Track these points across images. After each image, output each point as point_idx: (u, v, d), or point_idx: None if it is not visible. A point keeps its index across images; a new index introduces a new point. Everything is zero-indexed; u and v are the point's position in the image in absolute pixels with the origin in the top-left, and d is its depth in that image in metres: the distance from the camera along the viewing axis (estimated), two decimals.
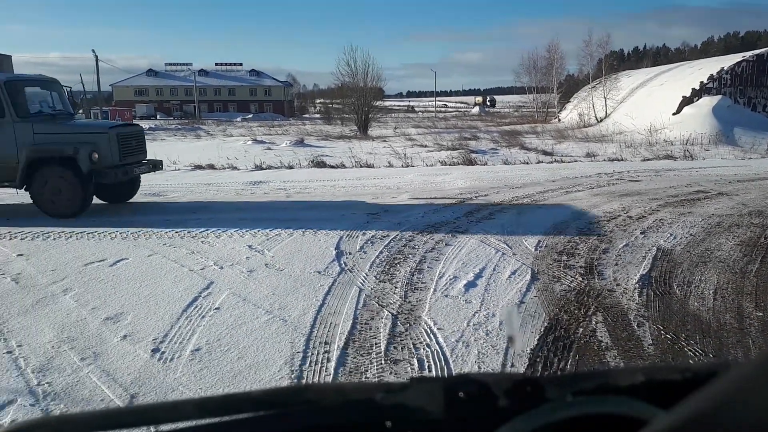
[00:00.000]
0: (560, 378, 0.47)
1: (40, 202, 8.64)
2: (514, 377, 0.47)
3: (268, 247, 6.62)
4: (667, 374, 0.47)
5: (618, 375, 0.47)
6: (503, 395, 0.45)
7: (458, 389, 0.46)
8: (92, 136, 8.76)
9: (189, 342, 4.35)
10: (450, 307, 4.96)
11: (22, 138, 8.51)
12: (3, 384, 3.80)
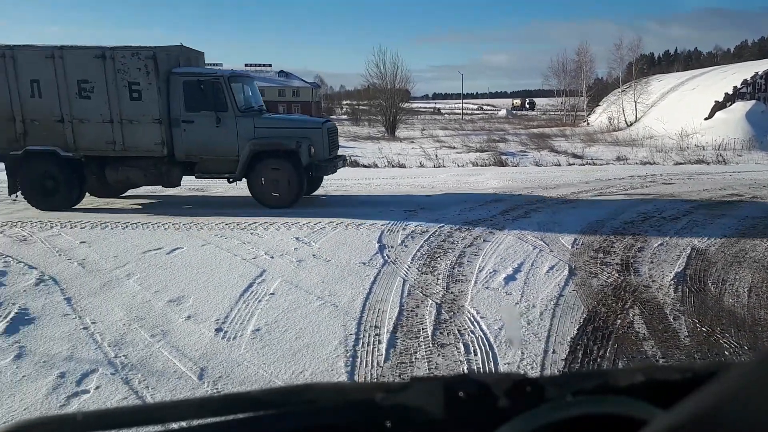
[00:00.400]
0: (560, 378, 0.48)
1: (258, 193, 9.08)
2: (514, 377, 0.47)
3: (314, 240, 6.94)
4: (667, 374, 0.47)
5: (618, 375, 0.47)
6: (503, 395, 0.45)
7: (458, 389, 0.46)
8: (309, 130, 9.19)
9: (249, 323, 4.67)
10: (491, 298, 5.21)
11: (243, 132, 8.90)
12: (84, 355, 4.16)
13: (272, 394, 0.48)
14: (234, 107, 8.93)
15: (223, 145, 8.94)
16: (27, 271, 5.78)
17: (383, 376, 3.88)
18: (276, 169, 8.93)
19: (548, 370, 3.95)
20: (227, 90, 8.92)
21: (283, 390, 0.48)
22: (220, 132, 8.89)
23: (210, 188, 11.26)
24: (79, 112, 8.82)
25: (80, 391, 3.67)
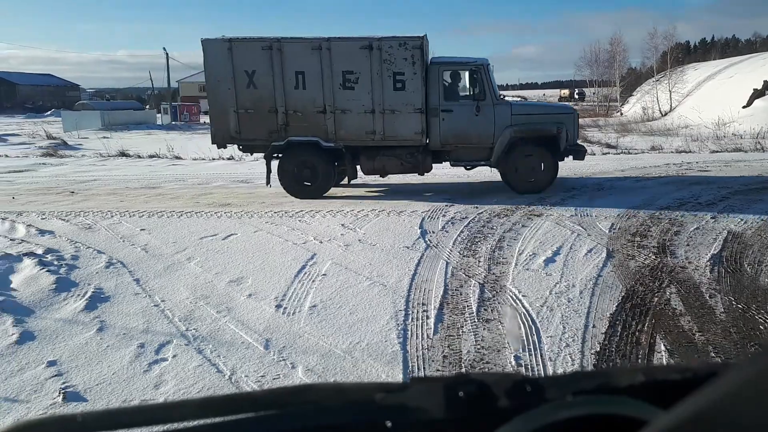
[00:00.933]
0: (560, 378, 0.48)
1: (512, 179, 9.29)
2: (514, 377, 0.47)
3: (358, 226, 7.28)
4: (667, 374, 0.47)
5: (618, 375, 0.47)
6: (503, 395, 0.45)
7: (458, 389, 0.46)
8: (563, 116, 9.37)
9: (306, 300, 5.02)
10: (532, 278, 5.46)
11: (500, 120, 9.05)
12: (158, 329, 4.56)
13: (272, 394, 0.48)
14: (492, 95, 9.08)
15: (480, 133, 9.07)
16: (96, 256, 6.24)
17: (433, 347, 4.18)
18: (529, 156, 9.11)
19: (589, 342, 4.20)
20: (486, 78, 9.06)
21: (283, 390, 0.48)
22: (478, 120, 9.04)
23: (254, 179, 11.68)
24: (341, 103, 9.05)
25: (159, 359, 4.06)
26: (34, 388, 3.70)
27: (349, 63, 8.92)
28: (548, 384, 0.47)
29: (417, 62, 8.86)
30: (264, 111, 9.13)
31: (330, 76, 8.95)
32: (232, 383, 3.71)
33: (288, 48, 8.98)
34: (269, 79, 9.01)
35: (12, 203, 9.21)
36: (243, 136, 9.33)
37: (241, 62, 9.02)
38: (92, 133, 31.34)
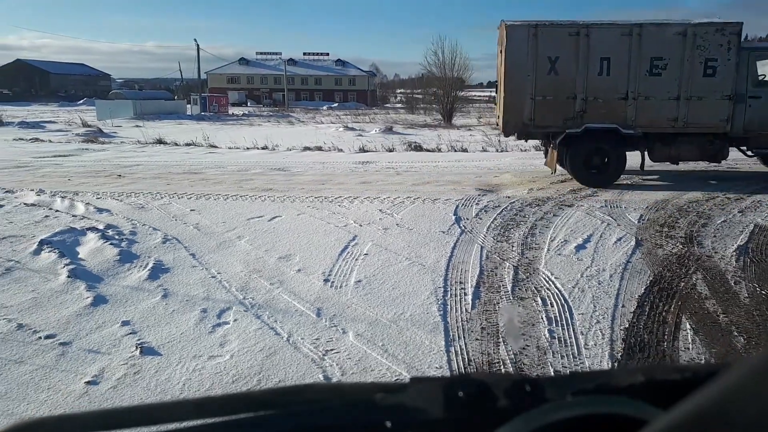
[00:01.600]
0: (560, 378, 0.48)
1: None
2: (514, 377, 0.47)
3: (395, 211, 7.63)
4: (667, 374, 0.47)
5: (618, 375, 0.47)
6: (503, 395, 0.46)
7: (458, 389, 0.46)
8: None
9: (351, 276, 5.39)
10: (564, 262, 5.76)
11: None
12: (218, 297, 4.96)
13: (272, 394, 0.48)
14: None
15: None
16: (152, 232, 6.68)
17: (472, 320, 4.52)
18: None
19: (618, 319, 4.49)
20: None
21: (283, 390, 0.48)
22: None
23: (290, 168, 12.09)
24: (645, 89, 9.01)
25: (222, 323, 4.46)
26: (112, 343, 4.13)
27: (659, 49, 8.87)
28: (548, 384, 0.47)
29: (733, 48, 8.76)
30: (562, 98, 9.15)
31: (637, 61, 8.90)
32: (290, 344, 4.09)
33: (596, 33, 8.93)
34: (572, 65, 9.01)
35: (67, 184, 9.76)
36: (536, 123, 9.36)
37: (544, 48, 9.04)
38: (125, 122, 32.13)
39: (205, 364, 3.83)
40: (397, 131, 27.22)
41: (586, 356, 3.95)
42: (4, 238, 6.28)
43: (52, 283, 5.16)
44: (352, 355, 3.94)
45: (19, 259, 5.69)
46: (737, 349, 4.05)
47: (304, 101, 79.57)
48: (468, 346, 4.09)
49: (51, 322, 4.43)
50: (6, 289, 5.02)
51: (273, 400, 0.47)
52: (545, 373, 3.69)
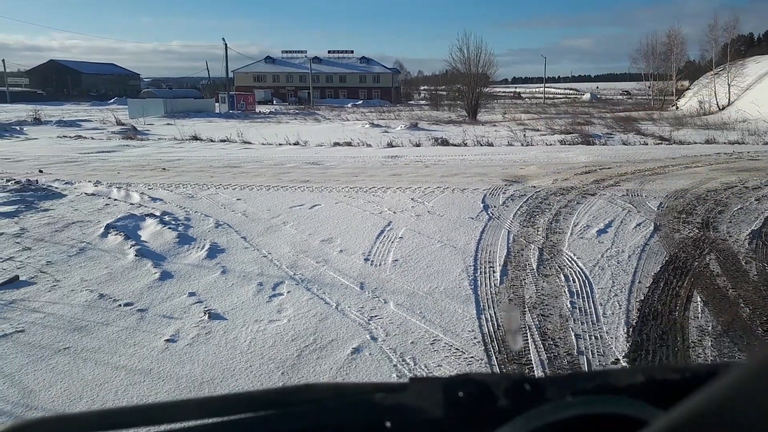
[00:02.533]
0: (560, 378, 0.48)
1: None
2: (514, 377, 0.47)
3: (426, 200, 8.13)
4: (667, 374, 0.47)
5: (618, 375, 0.47)
6: (503, 395, 0.46)
7: (458, 389, 0.46)
8: None
9: (388, 256, 5.91)
10: (585, 245, 6.20)
11: None
12: (271, 273, 5.52)
13: (272, 394, 0.48)
14: None
15: None
16: (205, 218, 7.28)
17: (500, 293, 5.00)
18: None
19: (635, 293, 4.93)
20: None
21: (283, 390, 0.48)
22: None
23: (323, 162, 12.66)
24: None
25: (277, 294, 5.02)
26: (183, 310, 4.70)
27: None
28: (548, 384, 0.47)
29: None
30: None
31: None
32: (339, 311, 4.62)
33: None
34: None
35: (117, 177, 10.45)
36: None
37: None
38: (156, 120, 33.10)
39: (267, 326, 4.38)
40: (423, 127, 27.64)
41: (604, 323, 4.41)
42: (73, 223, 6.94)
43: (122, 261, 5.78)
44: (393, 321, 4.46)
45: (89, 241, 6.33)
46: (742, 318, 4.47)
47: (328, 99, 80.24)
48: (497, 314, 4.58)
49: (127, 292, 5.03)
50: (83, 265, 5.65)
51: (273, 400, 0.47)
52: (566, 340, 4.17)
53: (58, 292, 5.03)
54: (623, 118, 31.18)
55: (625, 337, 4.17)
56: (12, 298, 4.89)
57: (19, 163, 12.90)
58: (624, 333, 4.24)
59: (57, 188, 8.87)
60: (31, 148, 16.51)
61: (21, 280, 5.27)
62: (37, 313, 4.60)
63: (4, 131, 24.55)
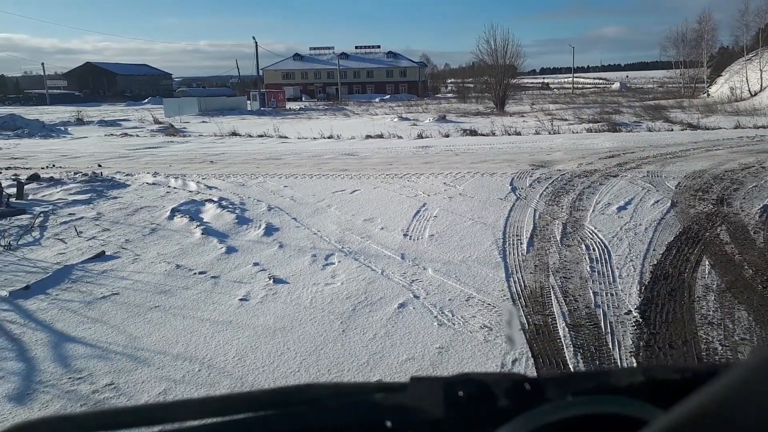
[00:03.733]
0: (560, 378, 0.48)
1: None
2: (514, 377, 0.48)
3: (457, 184, 8.77)
4: (667, 374, 0.47)
5: (618, 375, 0.47)
6: (503, 395, 0.46)
7: (458, 389, 0.46)
8: None
9: (425, 232, 6.57)
10: (606, 220, 6.77)
11: None
12: (322, 247, 6.22)
13: (272, 394, 0.48)
14: None
15: None
16: (257, 203, 8.04)
17: (526, 260, 5.62)
18: None
19: (648, 259, 5.50)
20: None
21: (283, 390, 0.48)
22: None
23: (358, 153, 13.34)
24: None
25: (329, 263, 5.71)
26: (250, 276, 5.44)
27: None
28: (548, 384, 0.47)
29: None
30: None
31: None
32: (384, 276, 5.29)
33: None
34: None
35: (170, 169, 11.32)
36: None
37: None
38: (192, 118, 34.19)
39: (323, 288, 5.09)
40: (451, 120, 28.11)
41: (619, 283, 5.00)
42: (141, 208, 7.77)
43: (190, 238, 6.56)
44: (432, 283, 5.12)
45: (159, 223, 7.14)
46: (745, 278, 5.01)
47: (356, 94, 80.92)
48: (524, 277, 5.21)
49: (199, 263, 5.79)
50: (157, 242, 6.45)
51: (273, 400, 0.47)
52: (585, 296, 4.78)
53: (140, 264, 5.82)
54: (652, 107, 31.19)
55: (637, 294, 4.76)
56: (102, 269, 5.69)
57: (77, 159, 13.90)
58: (637, 290, 4.82)
59: (120, 179, 9.75)
60: (83, 146, 17.60)
61: (107, 254, 6.08)
62: (126, 280, 5.39)
63: (51, 131, 25.91)
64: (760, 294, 4.69)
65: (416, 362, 3.78)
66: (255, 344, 4.07)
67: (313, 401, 0.47)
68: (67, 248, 6.32)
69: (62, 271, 5.63)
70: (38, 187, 9.08)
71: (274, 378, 3.64)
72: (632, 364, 3.71)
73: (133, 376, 3.71)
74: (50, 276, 5.49)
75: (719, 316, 4.32)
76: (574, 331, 4.14)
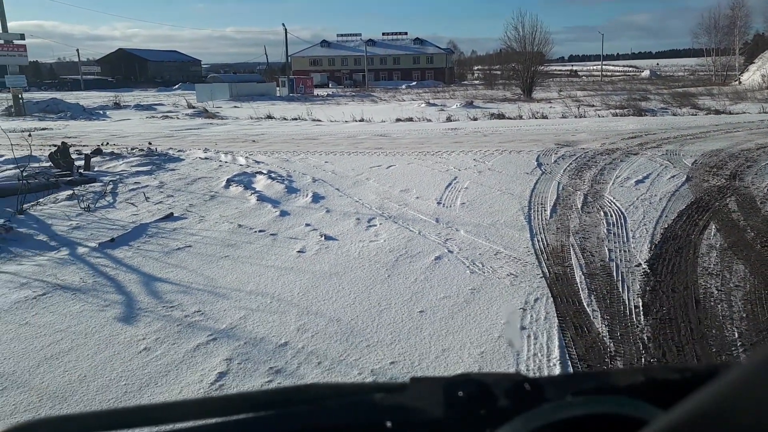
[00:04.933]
0: (560, 378, 0.48)
1: None
2: (514, 377, 0.48)
3: (486, 160, 9.41)
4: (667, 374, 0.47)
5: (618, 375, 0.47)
6: (503, 395, 0.46)
7: (458, 389, 0.47)
8: None
9: (456, 201, 7.24)
10: (624, 191, 7.36)
11: None
12: (364, 212, 6.94)
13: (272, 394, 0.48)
14: None
15: None
16: (303, 175, 8.80)
17: (549, 224, 6.26)
18: None
19: (661, 223, 6.10)
20: None
21: (282, 390, 0.48)
22: None
23: (390, 134, 14.01)
24: None
25: (371, 225, 6.42)
26: (304, 234, 6.18)
27: None
28: (548, 384, 0.47)
29: None
30: None
31: None
32: (421, 236, 5.98)
33: None
34: None
35: (216, 146, 12.15)
36: None
37: None
38: (223, 103, 35.09)
39: (368, 244, 5.80)
40: (478, 105, 28.54)
41: (632, 242, 5.62)
42: (199, 179, 8.58)
43: (246, 204, 7.34)
44: (464, 242, 5.80)
45: (216, 191, 7.94)
46: (746, 239, 5.59)
47: (382, 81, 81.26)
48: (546, 237, 5.86)
49: (258, 224, 6.55)
50: (217, 207, 7.24)
51: (273, 400, 0.48)
52: (600, 253, 5.41)
53: (205, 223, 6.61)
54: (681, 94, 31.18)
55: (647, 251, 5.38)
56: (174, 227, 6.50)
57: (126, 138, 14.84)
58: (647, 248, 5.44)
59: (174, 154, 10.61)
60: (129, 127, 18.60)
61: (175, 216, 6.89)
62: (196, 236, 6.18)
63: (91, 114, 27.13)
64: (758, 252, 5.28)
65: (451, 299, 4.48)
66: (315, 284, 4.81)
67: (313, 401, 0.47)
68: (138, 211, 7.14)
69: (139, 228, 6.44)
70: (102, 160, 9.97)
71: (335, 308, 4.36)
72: (638, 305, 4.35)
73: (216, 306, 4.48)
74: (129, 232, 6.31)
75: (719, 268, 4.93)
76: (589, 279, 4.80)
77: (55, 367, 3.65)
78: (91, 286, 4.92)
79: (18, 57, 26.76)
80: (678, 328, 3.94)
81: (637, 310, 4.21)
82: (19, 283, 4.97)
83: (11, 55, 26.36)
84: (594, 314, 4.17)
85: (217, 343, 3.87)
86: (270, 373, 3.49)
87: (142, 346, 3.87)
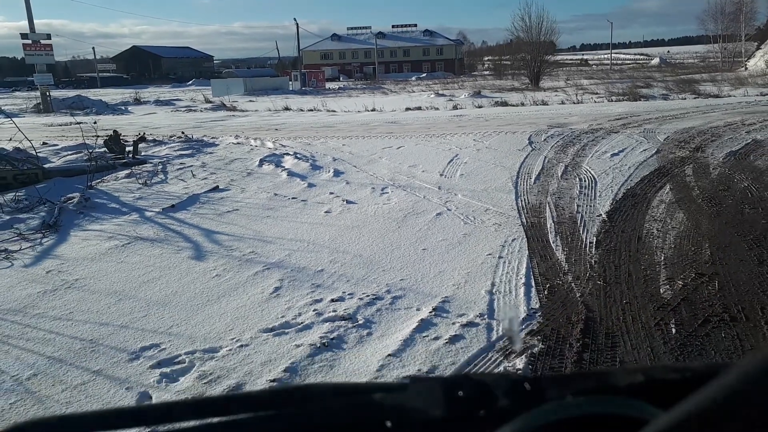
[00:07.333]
0: (560, 378, 0.49)
1: None
2: (514, 377, 0.48)
3: (484, 140, 10.68)
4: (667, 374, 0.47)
5: (618, 375, 0.48)
6: (503, 395, 0.46)
7: (458, 389, 0.47)
8: None
9: (456, 173, 8.53)
10: (600, 161, 8.61)
11: None
12: (377, 183, 8.24)
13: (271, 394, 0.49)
14: None
15: None
16: (324, 156, 10.12)
17: (532, 187, 7.52)
18: None
19: (625, 186, 7.33)
20: None
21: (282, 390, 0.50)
22: None
23: (400, 122, 15.30)
24: None
25: (384, 193, 7.72)
26: (329, 200, 7.49)
27: None
28: (548, 384, 0.47)
29: None
30: None
31: None
32: (425, 199, 7.27)
33: None
34: None
35: (244, 134, 13.51)
36: None
37: None
38: (239, 97, 36.37)
39: (383, 206, 7.10)
40: (485, 95, 29.62)
41: (598, 200, 6.87)
42: (235, 159, 9.94)
43: (278, 178, 8.67)
44: (461, 202, 7.08)
45: (251, 169, 9.28)
46: (692, 196, 6.82)
47: (392, 73, 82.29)
48: (528, 198, 7.13)
49: (290, 193, 7.88)
50: (254, 181, 8.58)
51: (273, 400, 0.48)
52: (570, 208, 6.66)
53: (246, 193, 7.95)
54: (684, 80, 32.07)
55: (609, 205, 6.63)
56: (220, 196, 7.84)
57: (159, 128, 16.24)
58: (609, 203, 6.70)
59: (209, 140, 11.98)
60: (157, 119, 20.03)
61: (220, 188, 8.24)
62: (240, 203, 7.52)
63: (114, 110, 28.62)
64: (698, 204, 6.52)
65: (448, 241, 5.77)
66: (341, 233, 6.13)
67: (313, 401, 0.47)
68: (188, 185, 8.50)
69: (192, 197, 7.80)
70: (147, 146, 11.35)
71: (357, 248, 5.66)
72: (592, 242, 5.62)
73: (265, 248, 5.80)
74: (184, 200, 7.66)
75: (663, 216, 6.19)
76: (557, 225, 6.07)
77: (152, 287, 4.98)
78: (164, 237, 6.27)
79: (45, 56, 28.20)
80: (620, 254, 5.21)
81: (591, 245, 5.48)
82: (107, 236, 6.33)
83: (39, 54, 27.79)
84: (557, 248, 5.45)
85: (270, 270, 5.19)
86: (313, 287, 4.80)
87: (214, 273, 5.19)
